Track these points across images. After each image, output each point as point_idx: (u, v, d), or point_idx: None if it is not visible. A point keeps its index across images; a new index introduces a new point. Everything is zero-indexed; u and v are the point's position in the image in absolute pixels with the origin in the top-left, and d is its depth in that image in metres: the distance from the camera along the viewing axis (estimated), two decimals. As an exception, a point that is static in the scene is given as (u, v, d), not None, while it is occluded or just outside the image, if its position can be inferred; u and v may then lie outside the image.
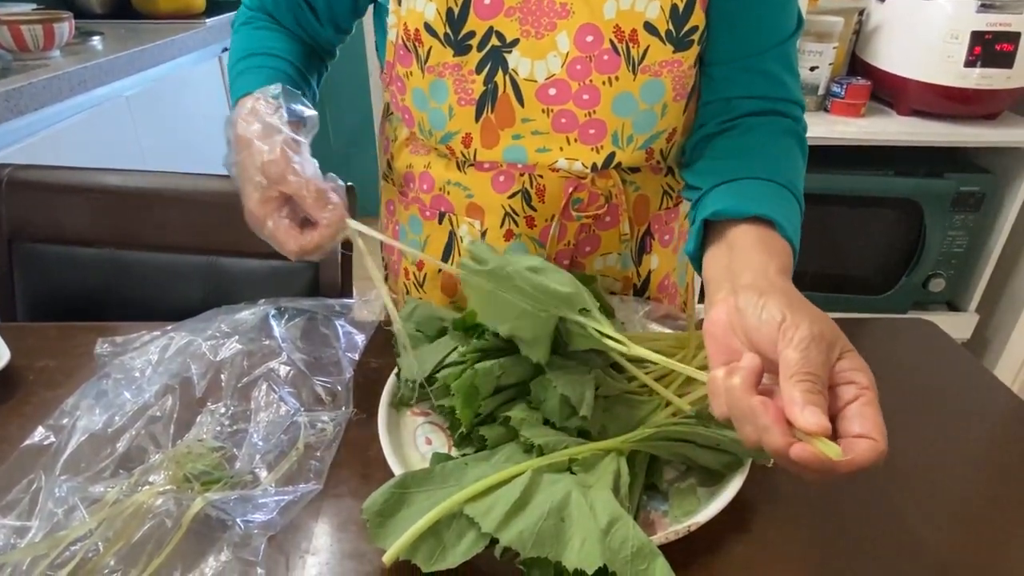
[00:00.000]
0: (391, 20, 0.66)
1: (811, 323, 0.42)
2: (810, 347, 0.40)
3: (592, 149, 0.68)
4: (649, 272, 0.80)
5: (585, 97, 0.65)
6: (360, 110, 2.86)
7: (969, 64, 1.49)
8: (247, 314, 0.72)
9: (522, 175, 0.71)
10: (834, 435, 0.39)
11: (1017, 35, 1.46)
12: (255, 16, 0.76)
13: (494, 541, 0.44)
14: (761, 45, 0.66)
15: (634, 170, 0.74)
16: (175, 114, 1.82)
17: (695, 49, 0.65)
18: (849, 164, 1.59)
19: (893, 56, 1.62)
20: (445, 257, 0.78)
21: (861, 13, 1.69)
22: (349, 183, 0.93)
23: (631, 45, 0.63)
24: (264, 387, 0.63)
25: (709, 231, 0.59)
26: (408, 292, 0.83)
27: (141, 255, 0.94)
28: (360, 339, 0.71)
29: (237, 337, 0.69)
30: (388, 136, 0.82)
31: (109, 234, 0.94)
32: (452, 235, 0.76)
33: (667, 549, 0.45)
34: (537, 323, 0.54)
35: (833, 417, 0.39)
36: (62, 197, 0.94)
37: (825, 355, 0.41)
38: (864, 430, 0.39)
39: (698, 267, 0.60)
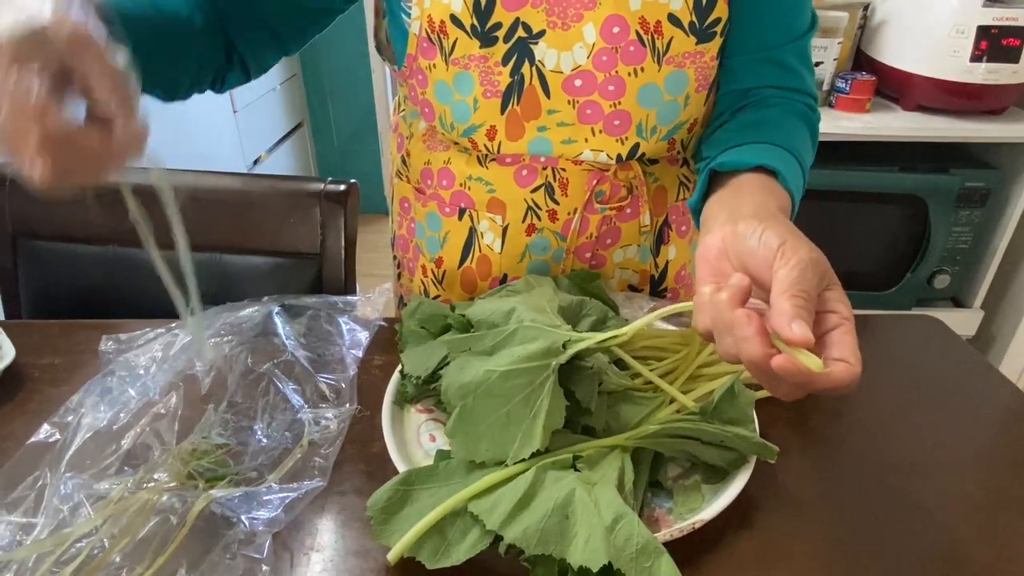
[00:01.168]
0: (414, 12, 0.66)
1: (809, 249, 0.44)
2: (807, 269, 0.42)
3: (617, 140, 0.68)
4: (667, 263, 0.80)
5: (611, 88, 0.65)
6: (362, 109, 2.85)
7: (975, 59, 1.48)
8: (251, 311, 0.72)
9: (545, 168, 0.71)
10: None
11: (1023, 30, 1.46)
12: None
13: (498, 538, 0.44)
14: (779, 38, 0.68)
15: (653, 161, 0.74)
16: (177, 111, 1.81)
17: (717, 41, 0.65)
18: (854, 160, 1.59)
19: (898, 51, 1.61)
20: (464, 255, 0.78)
21: (866, 8, 1.68)
22: (352, 180, 0.93)
23: (656, 36, 0.64)
24: (268, 384, 0.63)
25: (712, 184, 0.60)
26: (426, 291, 0.83)
27: (145, 252, 0.94)
28: (364, 336, 0.71)
29: (241, 335, 0.69)
30: (402, 133, 0.82)
31: (113, 231, 0.94)
32: (472, 231, 0.76)
33: (671, 546, 0.45)
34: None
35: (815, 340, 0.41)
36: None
37: (818, 280, 0.43)
38: (842, 355, 0.41)
39: (697, 221, 0.61)
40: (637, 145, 0.69)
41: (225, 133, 2.11)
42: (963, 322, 1.74)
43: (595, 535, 0.43)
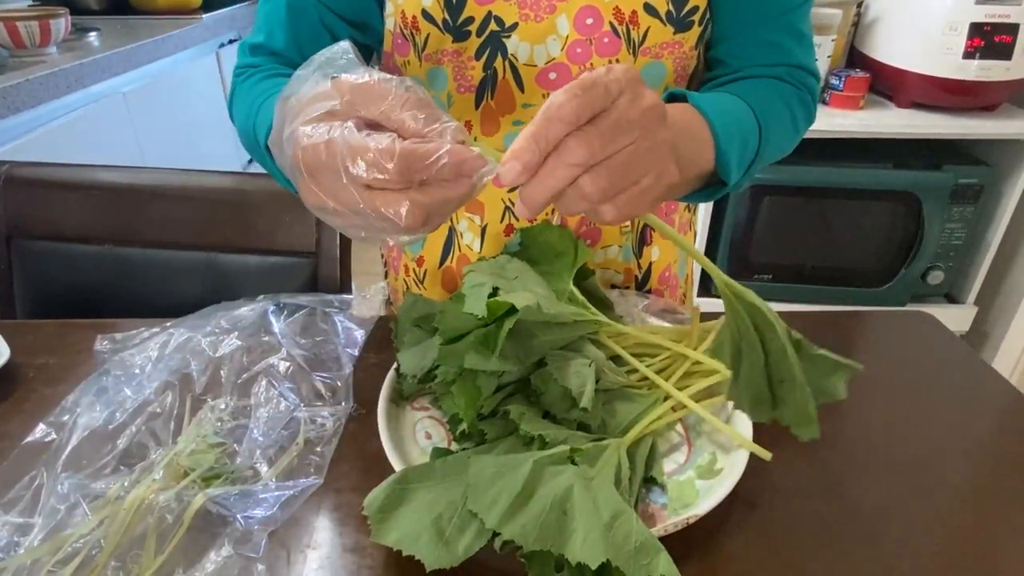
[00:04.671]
0: (388, 9, 0.66)
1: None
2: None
3: None
4: (650, 264, 0.80)
5: None
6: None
7: (968, 56, 1.48)
8: (246, 310, 0.72)
9: None
10: None
11: (1016, 27, 1.46)
12: (262, 67, 0.68)
13: (496, 534, 0.44)
14: (764, 16, 0.65)
15: None
16: (173, 110, 1.81)
17: (696, 30, 0.64)
18: (848, 157, 1.59)
19: (892, 48, 1.61)
20: (444, 254, 0.78)
21: (859, 5, 1.69)
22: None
23: (631, 27, 0.63)
24: (264, 383, 0.63)
25: None
26: (408, 290, 0.83)
27: (140, 251, 0.94)
28: (359, 334, 0.71)
29: (236, 333, 0.69)
30: None
31: (108, 231, 0.94)
32: (452, 231, 0.76)
33: (666, 541, 0.45)
34: None
35: None
36: (60, 194, 0.94)
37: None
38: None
39: None
40: None
41: (220, 132, 2.11)
42: (957, 318, 1.75)
43: (594, 532, 0.43)
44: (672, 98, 0.57)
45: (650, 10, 0.63)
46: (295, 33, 0.67)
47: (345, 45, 0.44)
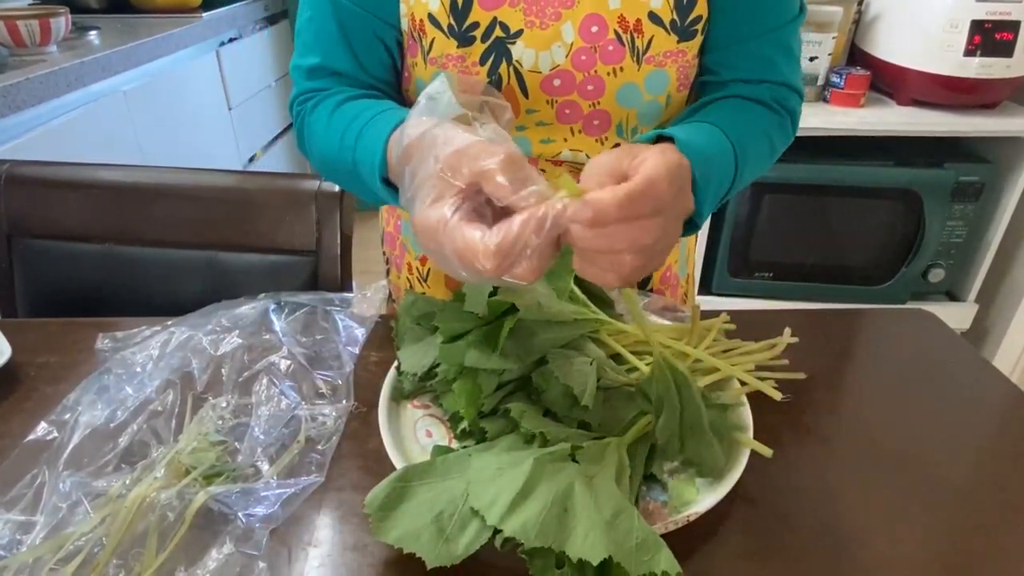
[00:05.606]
0: (402, 10, 0.66)
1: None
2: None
3: (597, 140, 0.68)
4: None
5: (590, 88, 0.65)
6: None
7: (969, 53, 1.48)
8: (247, 308, 0.72)
9: None
10: None
11: (1017, 24, 1.46)
12: (329, 90, 0.68)
13: (498, 531, 0.44)
14: (757, 29, 0.65)
15: None
16: (173, 109, 1.81)
17: (699, 39, 0.65)
18: (848, 154, 1.59)
19: (892, 46, 1.61)
20: None
21: (860, 3, 1.68)
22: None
23: (635, 35, 0.63)
24: (265, 381, 0.64)
25: None
26: (412, 288, 0.83)
27: (141, 250, 0.94)
28: (360, 333, 0.71)
29: (237, 331, 0.69)
30: None
31: (108, 230, 0.94)
32: None
33: (667, 539, 0.45)
34: None
35: None
36: (61, 193, 0.94)
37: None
38: None
39: None
40: (618, 146, 0.68)
41: (220, 131, 2.11)
42: (957, 316, 1.75)
43: (595, 529, 0.43)
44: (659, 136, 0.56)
45: (655, 19, 0.62)
46: (352, 49, 0.67)
47: (441, 85, 0.48)
